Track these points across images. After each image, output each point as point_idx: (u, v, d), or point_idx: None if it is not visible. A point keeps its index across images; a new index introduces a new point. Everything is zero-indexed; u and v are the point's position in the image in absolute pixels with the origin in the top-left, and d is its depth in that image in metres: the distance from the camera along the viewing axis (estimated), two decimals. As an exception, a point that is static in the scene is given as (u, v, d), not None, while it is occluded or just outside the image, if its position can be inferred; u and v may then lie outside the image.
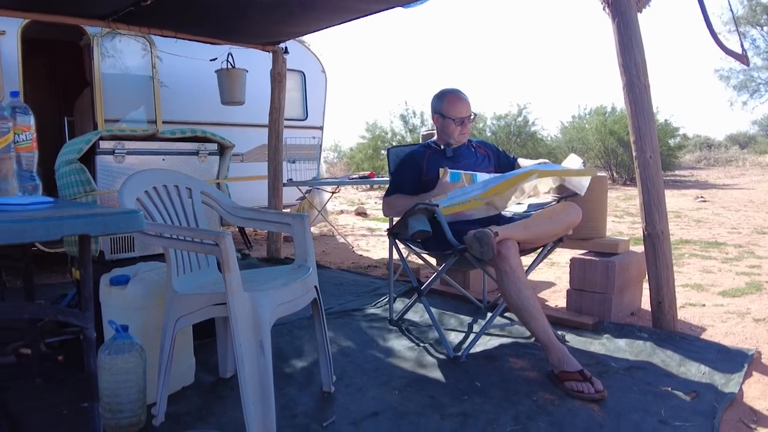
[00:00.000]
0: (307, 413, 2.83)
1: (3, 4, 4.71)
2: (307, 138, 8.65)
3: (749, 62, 5.02)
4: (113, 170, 3.73)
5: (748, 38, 24.42)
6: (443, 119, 3.95)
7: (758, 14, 25.09)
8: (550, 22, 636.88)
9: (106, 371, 2.57)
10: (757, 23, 25.41)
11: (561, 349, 3.11)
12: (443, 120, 3.96)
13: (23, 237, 1.57)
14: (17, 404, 2.93)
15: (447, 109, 3.92)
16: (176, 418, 2.77)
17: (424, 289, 3.83)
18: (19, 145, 2.22)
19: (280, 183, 6.89)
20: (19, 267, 3.27)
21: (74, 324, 1.83)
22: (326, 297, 4.90)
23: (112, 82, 6.65)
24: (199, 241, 2.54)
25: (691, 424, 2.62)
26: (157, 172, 3.01)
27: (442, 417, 2.77)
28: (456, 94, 3.96)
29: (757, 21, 25.33)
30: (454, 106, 3.92)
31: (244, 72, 6.90)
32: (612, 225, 9.26)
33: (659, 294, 3.78)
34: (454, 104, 3.92)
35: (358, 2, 5.00)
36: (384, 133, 24.52)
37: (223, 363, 3.31)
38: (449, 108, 3.92)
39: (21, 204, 1.96)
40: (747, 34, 23.05)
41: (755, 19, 25.27)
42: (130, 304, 2.87)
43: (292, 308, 2.71)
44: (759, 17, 25.21)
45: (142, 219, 1.82)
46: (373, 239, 9.16)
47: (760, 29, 25.61)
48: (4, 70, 5.94)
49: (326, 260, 7.05)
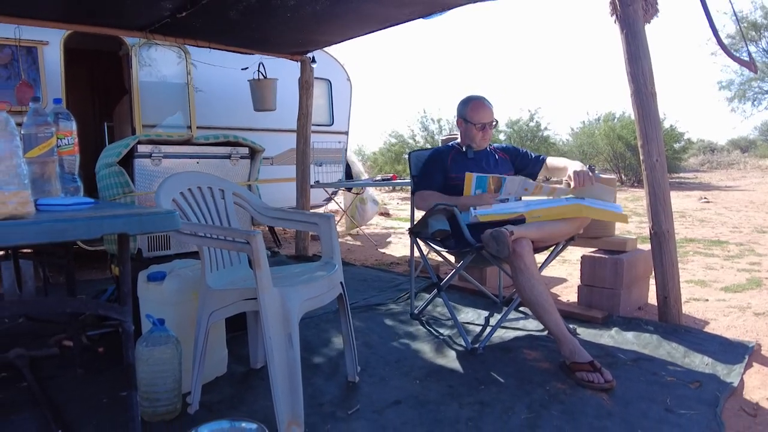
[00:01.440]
0: (333, 402, 2.83)
1: (46, 16, 4.75)
2: (333, 142, 8.65)
3: (757, 69, 4.97)
4: (150, 173, 3.74)
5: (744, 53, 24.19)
6: (466, 123, 3.96)
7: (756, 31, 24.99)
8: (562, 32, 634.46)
9: (144, 362, 2.58)
10: (752, 40, 25.28)
11: (572, 341, 3.13)
12: (466, 124, 3.96)
13: (65, 236, 1.57)
14: (60, 393, 2.95)
15: (470, 114, 3.93)
16: (210, 406, 2.78)
17: (443, 284, 3.82)
18: (62, 149, 2.23)
19: (308, 185, 6.90)
20: (62, 264, 3.29)
21: (114, 318, 1.84)
22: (351, 292, 4.90)
23: (149, 90, 6.68)
24: (231, 239, 2.54)
25: (695, 412, 2.64)
26: (192, 174, 3.01)
27: (461, 405, 2.77)
28: (480, 101, 3.96)
29: (752, 38, 25.21)
30: (477, 112, 3.92)
31: (275, 81, 6.92)
32: (620, 225, 9.13)
33: (665, 289, 3.78)
34: (477, 110, 3.93)
35: (382, 14, 5.01)
36: (404, 139, 24.56)
37: (254, 354, 3.32)
38: (472, 113, 3.93)
39: (63, 204, 1.96)
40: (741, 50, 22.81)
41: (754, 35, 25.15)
42: (166, 299, 2.88)
43: (319, 303, 2.71)
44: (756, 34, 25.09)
45: (178, 219, 1.82)
46: (395, 238, 9.15)
47: (756, 44, 25.49)
48: (48, 78, 5.99)
49: (351, 257, 7.05)
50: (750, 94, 27.25)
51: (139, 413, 1.96)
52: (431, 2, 4.67)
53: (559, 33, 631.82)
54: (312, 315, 4.20)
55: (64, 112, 2.26)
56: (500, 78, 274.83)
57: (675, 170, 22.59)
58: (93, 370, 3.27)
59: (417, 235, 3.95)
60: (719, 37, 3.81)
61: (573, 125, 35.34)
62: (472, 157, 3.96)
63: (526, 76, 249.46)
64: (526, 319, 4.08)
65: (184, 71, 7.01)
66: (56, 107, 2.27)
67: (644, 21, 3.71)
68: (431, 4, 4.71)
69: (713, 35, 3.80)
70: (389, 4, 4.70)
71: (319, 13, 4.87)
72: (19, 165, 1.65)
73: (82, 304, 1.84)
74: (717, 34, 3.81)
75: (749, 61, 4.12)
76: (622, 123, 22.16)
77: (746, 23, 25.06)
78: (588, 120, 26.43)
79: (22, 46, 5.81)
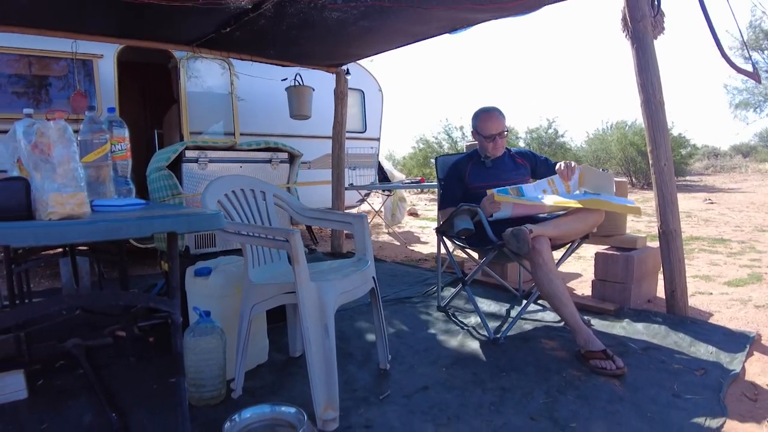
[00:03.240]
0: (366, 387, 2.83)
1: (101, 31, 4.81)
2: (365, 148, 8.67)
3: (760, 79, 4.89)
4: (197, 176, 3.77)
5: (749, 62, 23.75)
6: (478, 135, 3.95)
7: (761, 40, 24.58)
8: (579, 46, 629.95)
9: (191, 351, 2.60)
10: (759, 48, 24.88)
11: (587, 331, 3.15)
12: (478, 136, 3.96)
13: (119, 234, 1.58)
14: (114, 380, 2.98)
15: (480, 127, 3.91)
16: (252, 391, 2.80)
17: (467, 279, 3.81)
18: (115, 154, 2.25)
19: (343, 187, 6.92)
20: (116, 260, 3.32)
21: (163, 310, 1.85)
22: (382, 286, 4.91)
23: (195, 99, 6.73)
24: (272, 237, 2.55)
25: (700, 397, 2.66)
26: (236, 177, 3.02)
27: (484, 391, 2.78)
28: (488, 113, 3.92)
29: (759, 46, 24.79)
30: (485, 124, 3.89)
31: (310, 90, 6.93)
32: (631, 224, 9.22)
33: (672, 284, 3.82)
34: (485, 123, 3.89)
35: (411, 30, 5.04)
36: (431, 145, 24.59)
37: (293, 344, 3.33)
38: (482, 126, 3.90)
39: (117, 205, 1.98)
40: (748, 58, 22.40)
41: (758, 44, 24.73)
42: (212, 292, 2.89)
43: (353, 296, 2.71)
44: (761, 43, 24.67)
45: (222, 219, 1.83)
46: (423, 236, 9.13)
47: (761, 53, 25.08)
48: (102, 88, 6.06)
49: (382, 254, 7.04)
50: (753, 101, 26.89)
51: (187, 398, 1.97)
52: (456, 19, 4.69)
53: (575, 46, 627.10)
54: (346, 307, 4.21)
55: (118, 120, 2.28)
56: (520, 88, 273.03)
57: (682, 174, 22.64)
58: (144, 358, 3.30)
59: (443, 234, 3.97)
60: (723, 49, 3.77)
61: (588, 130, 35.23)
62: (490, 166, 3.95)
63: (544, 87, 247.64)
64: (544, 311, 4.09)
65: (227, 82, 7.05)
66: (110, 116, 2.29)
67: (653, 36, 3.74)
68: (456, 20, 4.74)
69: (717, 48, 3.78)
70: (418, 22, 4.74)
71: (354, 31, 4.92)
72: (75, 169, 1.67)
73: (134, 297, 1.85)
74: (720, 46, 3.78)
75: (753, 72, 4.06)
76: (634, 130, 22.22)
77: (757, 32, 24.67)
78: (602, 127, 26.56)
79: (77, 59, 5.89)
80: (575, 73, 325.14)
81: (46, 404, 2.68)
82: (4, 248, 3.15)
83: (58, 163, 1.65)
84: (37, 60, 5.76)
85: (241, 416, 2.33)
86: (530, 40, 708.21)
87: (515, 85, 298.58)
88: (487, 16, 4.58)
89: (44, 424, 2.48)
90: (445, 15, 4.51)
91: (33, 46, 5.66)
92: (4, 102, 5.58)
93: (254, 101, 7.27)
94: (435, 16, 4.52)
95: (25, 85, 5.73)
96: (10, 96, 5.64)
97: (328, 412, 2.40)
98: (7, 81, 5.64)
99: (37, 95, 5.78)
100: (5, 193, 1.62)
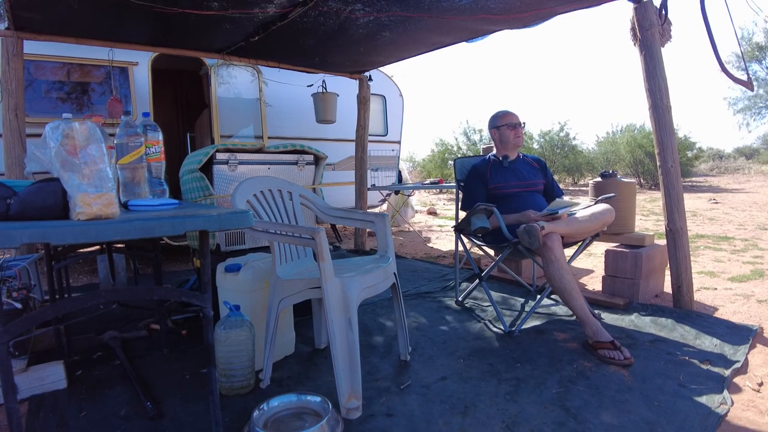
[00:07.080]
0: (387, 378, 2.83)
1: (137, 40, 4.84)
2: (387, 150, 8.67)
3: (754, 88, 4.85)
4: (227, 177, 3.76)
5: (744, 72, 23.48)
6: (499, 130, 3.99)
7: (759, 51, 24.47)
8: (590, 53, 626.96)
9: (222, 343, 2.60)
10: (757, 59, 24.74)
11: (596, 323, 3.18)
12: (499, 131, 3.99)
13: (153, 232, 1.58)
14: (148, 370, 3.00)
15: (501, 120, 3.98)
16: (279, 381, 2.80)
17: (484, 275, 3.81)
18: (150, 156, 2.25)
19: (365, 188, 6.91)
20: (150, 257, 3.33)
21: (195, 304, 1.84)
22: (403, 282, 4.90)
23: (226, 104, 6.76)
24: (298, 235, 2.54)
25: (704, 387, 2.66)
26: (264, 178, 3.02)
27: (499, 381, 2.77)
28: (506, 111, 4.02)
29: (757, 57, 24.66)
30: (506, 116, 3.98)
31: (335, 95, 6.94)
32: (639, 222, 9.31)
33: (679, 279, 3.87)
34: (506, 115, 3.99)
35: (431, 39, 5.06)
36: (450, 146, 24.59)
37: (318, 336, 3.33)
38: (503, 119, 3.98)
39: (151, 205, 1.98)
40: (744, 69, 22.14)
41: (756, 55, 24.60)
42: (242, 287, 2.90)
43: (375, 291, 2.69)
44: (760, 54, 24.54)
45: (251, 218, 1.82)
46: (442, 234, 9.11)
47: (759, 64, 24.93)
48: (137, 94, 6.10)
49: (403, 251, 7.04)
50: (755, 108, 26.69)
51: (218, 388, 1.96)
52: (473, 29, 4.72)
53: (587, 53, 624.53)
54: (369, 302, 4.24)
55: (152, 124, 2.29)
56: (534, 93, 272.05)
57: (688, 175, 22.69)
58: (177, 350, 3.32)
59: (461, 232, 3.95)
60: (721, 60, 3.78)
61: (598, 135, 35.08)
62: (508, 166, 3.98)
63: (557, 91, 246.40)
64: (557, 305, 4.09)
65: (256, 88, 7.08)
66: (145, 120, 2.29)
67: (660, 44, 3.77)
68: (473, 30, 4.77)
69: (716, 59, 3.80)
70: (438, 32, 4.77)
71: (377, 40, 4.96)
72: (104, 170, 1.65)
73: (168, 292, 1.85)
74: (719, 58, 3.78)
75: (747, 81, 4.05)
76: (642, 133, 22.31)
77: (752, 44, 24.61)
78: (611, 130, 26.71)
79: (114, 66, 5.94)
80: (586, 79, 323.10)
81: (84, 393, 2.71)
82: (44, 246, 3.17)
83: (84, 164, 1.62)
84: (79, 67, 5.81)
85: (269, 405, 2.34)
86: (543, 47, 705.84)
87: (529, 90, 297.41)
88: (502, 26, 4.58)
89: (83, 413, 2.50)
90: (463, 25, 4.52)
91: (74, 54, 5.71)
92: (49, 107, 5.64)
93: (281, 106, 7.29)
94: (453, 26, 4.53)
95: (67, 91, 5.79)
96: (55, 101, 5.70)
97: (351, 400, 2.39)
98: (51, 87, 5.70)
99: (78, 100, 5.83)
100: (43, 193, 1.62)
